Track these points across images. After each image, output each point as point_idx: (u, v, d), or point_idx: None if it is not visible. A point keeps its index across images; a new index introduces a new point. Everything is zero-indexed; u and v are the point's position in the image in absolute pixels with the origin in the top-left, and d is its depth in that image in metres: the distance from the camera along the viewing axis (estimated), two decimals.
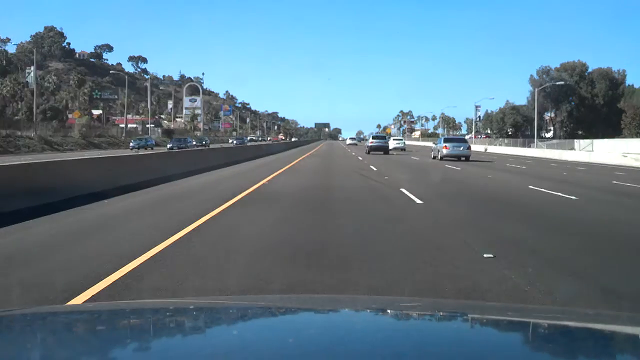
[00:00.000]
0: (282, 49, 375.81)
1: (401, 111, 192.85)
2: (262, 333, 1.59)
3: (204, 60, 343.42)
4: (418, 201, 11.22)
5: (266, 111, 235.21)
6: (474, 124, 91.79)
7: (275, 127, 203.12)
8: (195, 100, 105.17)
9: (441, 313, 1.94)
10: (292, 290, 4.65)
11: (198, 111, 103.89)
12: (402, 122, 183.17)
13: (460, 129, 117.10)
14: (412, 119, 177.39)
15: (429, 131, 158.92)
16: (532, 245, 6.80)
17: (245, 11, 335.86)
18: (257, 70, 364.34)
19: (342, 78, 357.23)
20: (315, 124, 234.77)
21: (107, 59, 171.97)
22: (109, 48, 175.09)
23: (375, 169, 23.23)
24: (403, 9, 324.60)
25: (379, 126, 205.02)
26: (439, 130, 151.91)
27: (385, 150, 42.84)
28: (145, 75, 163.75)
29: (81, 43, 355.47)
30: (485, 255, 5.99)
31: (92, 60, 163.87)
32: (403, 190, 13.32)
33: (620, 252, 6.73)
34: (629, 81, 72.81)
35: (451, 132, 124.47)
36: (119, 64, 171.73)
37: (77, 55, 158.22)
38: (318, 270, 5.40)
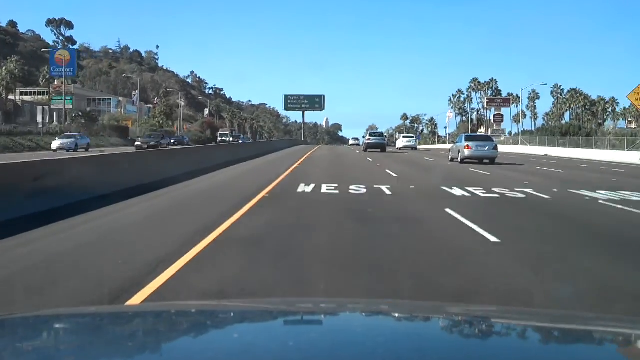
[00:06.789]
0: (279, 45, 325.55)
1: (474, 79, 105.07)
2: (263, 336, 1.61)
3: (201, 53, 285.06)
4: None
5: (249, 102, 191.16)
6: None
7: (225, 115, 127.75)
8: None
9: (442, 316, 1.97)
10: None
11: None
12: (469, 98, 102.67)
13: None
14: (495, 96, 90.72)
15: (525, 130, 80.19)
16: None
17: None
18: (250, 64, 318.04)
19: (344, 74, 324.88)
20: (286, 96, 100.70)
21: None
22: None
23: None
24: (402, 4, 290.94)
25: (404, 117, 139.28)
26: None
27: (382, 147, 41.81)
28: (69, 45, 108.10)
29: None
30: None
31: None
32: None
33: None
34: None
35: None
36: (13, 24, 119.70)
37: None
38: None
